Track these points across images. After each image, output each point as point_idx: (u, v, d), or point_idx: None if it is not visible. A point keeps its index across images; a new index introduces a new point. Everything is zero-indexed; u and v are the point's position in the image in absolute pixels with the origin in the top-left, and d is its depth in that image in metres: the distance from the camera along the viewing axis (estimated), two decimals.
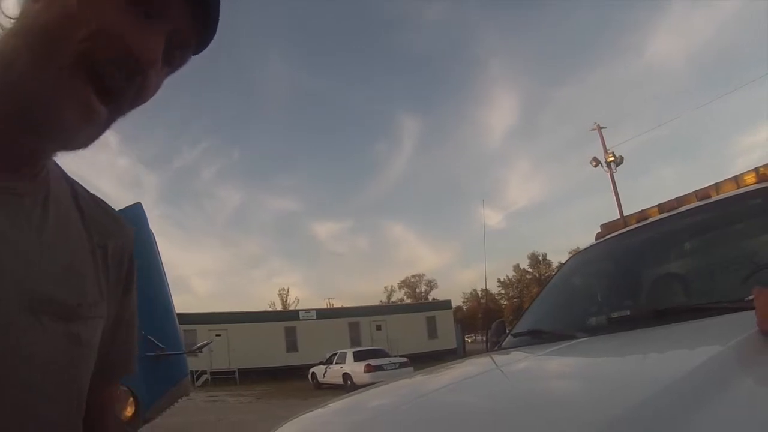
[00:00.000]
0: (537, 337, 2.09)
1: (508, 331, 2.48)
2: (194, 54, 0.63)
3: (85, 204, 0.66)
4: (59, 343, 0.55)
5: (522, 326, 2.36)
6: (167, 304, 3.43)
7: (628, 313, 1.86)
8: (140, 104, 0.58)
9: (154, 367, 3.71)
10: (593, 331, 1.82)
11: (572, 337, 1.79)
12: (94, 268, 0.63)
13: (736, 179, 2.15)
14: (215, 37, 0.62)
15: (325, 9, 68.27)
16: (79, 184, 0.68)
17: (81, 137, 0.55)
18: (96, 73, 0.51)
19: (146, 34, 0.54)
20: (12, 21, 0.53)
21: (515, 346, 2.15)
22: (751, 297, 1.11)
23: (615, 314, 1.92)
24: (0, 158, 0.54)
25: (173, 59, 0.60)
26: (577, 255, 2.80)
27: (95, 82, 0.52)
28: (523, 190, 76.18)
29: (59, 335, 0.55)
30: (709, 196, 2.15)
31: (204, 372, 23.24)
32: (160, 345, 3.66)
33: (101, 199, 0.70)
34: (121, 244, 0.69)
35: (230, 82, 65.95)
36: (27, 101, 0.51)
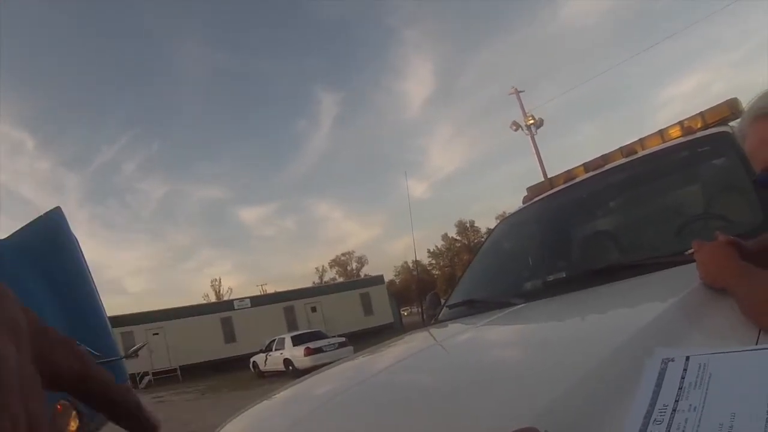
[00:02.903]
0: (473, 307, 2.03)
1: (443, 302, 2.41)
2: None
3: None
4: None
5: (457, 296, 2.29)
6: (97, 309, 3.22)
7: (564, 276, 1.82)
8: None
9: None
10: (530, 297, 1.76)
11: (509, 305, 1.73)
12: None
13: (662, 133, 2.16)
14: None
15: None
16: None
17: None
18: None
19: None
20: None
21: (452, 318, 2.08)
22: (690, 251, 1.08)
23: (551, 277, 1.88)
24: None
25: None
26: (506, 220, 2.76)
27: None
28: (446, 158, 77.36)
29: None
30: (635, 152, 2.14)
31: (146, 373, 22.40)
32: (96, 353, 3.38)
33: None
34: None
35: (141, 72, 62.09)
36: None
